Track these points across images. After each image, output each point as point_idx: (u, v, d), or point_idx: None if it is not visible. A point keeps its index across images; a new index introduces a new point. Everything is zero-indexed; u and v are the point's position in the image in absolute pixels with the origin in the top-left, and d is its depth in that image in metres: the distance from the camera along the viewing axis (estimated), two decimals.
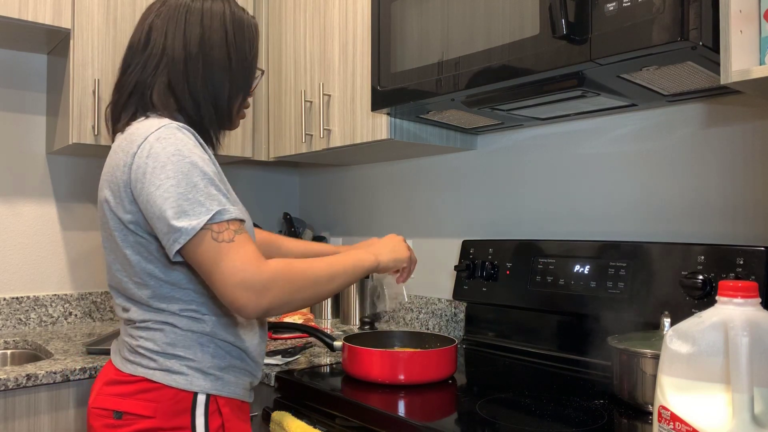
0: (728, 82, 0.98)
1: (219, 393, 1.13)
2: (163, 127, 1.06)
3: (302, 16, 2.04)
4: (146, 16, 1.18)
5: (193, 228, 1.00)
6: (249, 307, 1.01)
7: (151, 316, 1.12)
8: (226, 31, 1.16)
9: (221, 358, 1.13)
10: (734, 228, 1.35)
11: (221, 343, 1.14)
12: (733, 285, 0.80)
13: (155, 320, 1.12)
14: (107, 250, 1.16)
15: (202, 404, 1.11)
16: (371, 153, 2.05)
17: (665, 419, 0.83)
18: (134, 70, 1.16)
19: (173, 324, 1.11)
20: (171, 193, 1.01)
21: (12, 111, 2.11)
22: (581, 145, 1.65)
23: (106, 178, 1.12)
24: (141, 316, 1.13)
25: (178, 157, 1.03)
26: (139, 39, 1.17)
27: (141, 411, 1.08)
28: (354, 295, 2.20)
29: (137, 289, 1.12)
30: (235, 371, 1.16)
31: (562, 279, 1.53)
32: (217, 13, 1.16)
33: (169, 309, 1.11)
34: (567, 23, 1.11)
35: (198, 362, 1.11)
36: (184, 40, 1.14)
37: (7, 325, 2.06)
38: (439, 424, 1.09)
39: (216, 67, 1.15)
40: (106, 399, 1.12)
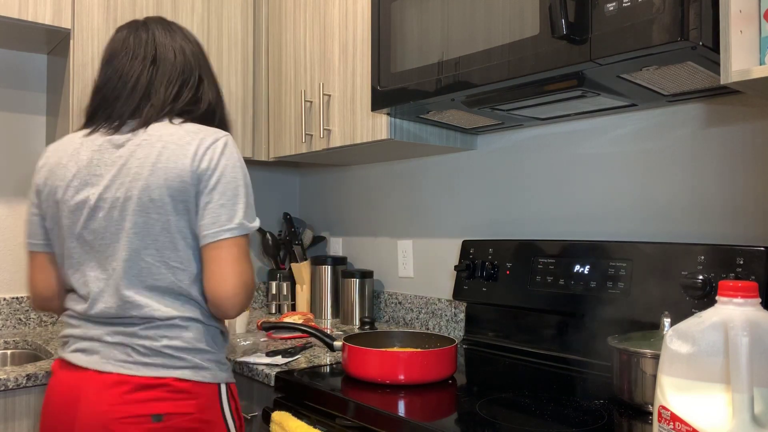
0: (728, 82, 0.98)
1: (230, 380, 1.28)
2: (226, 136, 1.26)
3: (302, 16, 2.04)
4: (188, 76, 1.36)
5: (248, 228, 1.22)
6: (242, 306, 1.23)
7: (178, 311, 1.20)
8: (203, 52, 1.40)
9: (222, 347, 1.29)
10: (734, 228, 1.35)
11: (221, 333, 1.29)
12: (733, 285, 0.80)
13: (183, 317, 1.21)
14: (139, 240, 1.19)
15: (225, 393, 1.25)
16: (371, 153, 2.05)
17: (665, 419, 0.83)
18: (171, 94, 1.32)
19: (198, 319, 1.22)
20: (242, 192, 1.23)
21: (12, 111, 2.11)
22: (581, 145, 1.65)
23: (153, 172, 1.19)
24: (167, 313, 1.19)
25: (244, 167, 1.27)
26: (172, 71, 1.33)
27: (183, 409, 1.16)
28: (354, 295, 2.20)
29: (174, 276, 1.20)
30: (225, 358, 1.31)
31: (562, 279, 1.53)
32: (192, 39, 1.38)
33: (198, 299, 1.22)
34: (567, 23, 1.11)
35: (215, 354, 1.25)
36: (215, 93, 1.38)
37: (7, 325, 2.06)
38: (439, 424, 1.09)
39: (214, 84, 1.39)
40: (138, 406, 1.14)
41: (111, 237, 1.19)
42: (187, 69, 1.30)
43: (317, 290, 2.33)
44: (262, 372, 1.52)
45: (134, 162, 1.19)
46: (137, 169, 1.18)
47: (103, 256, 1.20)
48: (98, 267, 1.21)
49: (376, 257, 2.33)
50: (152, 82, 1.26)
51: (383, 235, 2.29)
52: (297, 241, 2.43)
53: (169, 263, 1.19)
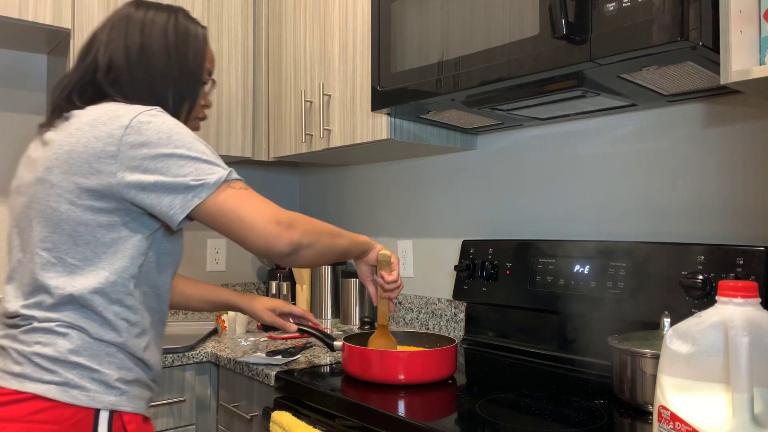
0: (728, 82, 0.98)
1: (124, 408, 1.04)
2: (153, 108, 1.07)
3: (302, 16, 2.04)
4: (93, 32, 1.19)
5: (215, 182, 1.02)
6: (282, 239, 1.04)
7: (59, 315, 1.02)
8: (167, 40, 1.16)
9: (128, 370, 1.06)
10: (734, 228, 1.35)
11: (128, 355, 1.07)
12: (733, 285, 0.80)
13: (62, 321, 1.02)
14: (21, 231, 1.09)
15: (105, 422, 1.01)
16: (371, 153, 2.05)
17: (665, 419, 0.83)
18: (78, 69, 1.16)
19: (83, 328, 1.02)
20: (185, 156, 1.02)
21: (12, 111, 2.11)
22: (581, 145, 1.65)
23: (59, 156, 1.05)
24: (44, 314, 1.02)
25: (182, 128, 1.06)
26: (82, 50, 1.17)
27: None
28: (354, 295, 2.20)
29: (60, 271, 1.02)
30: (140, 385, 1.09)
31: (562, 279, 1.53)
32: (159, 23, 1.17)
33: (93, 304, 1.02)
34: (567, 23, 1.11)
35: (103, 374, 1.02)
36: (125, 48, 1.14)
37: None
38: (439, 424, 1.09)
39: (158, 77, 1.15)
40: None
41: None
42: None
43: (317, 290, 2.33)
44: (262, 372, 1.52)
45: None
46: None
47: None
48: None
49: None
50: None
51: (383, 235, 2.29)
52: None
53: (62, 256, 1.04)
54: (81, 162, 1.02)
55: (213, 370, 1.80)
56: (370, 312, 2.21)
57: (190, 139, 1.05)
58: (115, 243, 1.05)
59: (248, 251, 1.05)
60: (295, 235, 1.06)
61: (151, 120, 1.03)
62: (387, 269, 1.33)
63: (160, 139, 1.02)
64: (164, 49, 1.16)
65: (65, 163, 1.03)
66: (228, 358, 1.67)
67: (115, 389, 1.03)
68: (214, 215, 1.04)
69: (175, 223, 1.03)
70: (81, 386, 1.00)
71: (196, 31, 1.21)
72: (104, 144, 1.02)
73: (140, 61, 1.13)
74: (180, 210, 1.02)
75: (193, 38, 1.20)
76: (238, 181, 1.06)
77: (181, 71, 1.17)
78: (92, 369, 1.01)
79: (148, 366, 1.11)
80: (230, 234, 1.06)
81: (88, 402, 1.00)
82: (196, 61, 1.20)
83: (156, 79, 1.14)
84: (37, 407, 0.97)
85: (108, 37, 1.14)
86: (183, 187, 1.01)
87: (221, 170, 1.04)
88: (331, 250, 1.17)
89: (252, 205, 1.05)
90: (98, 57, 1.13)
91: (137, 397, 1.07)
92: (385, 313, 1.41)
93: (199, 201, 1.02)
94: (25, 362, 1.00)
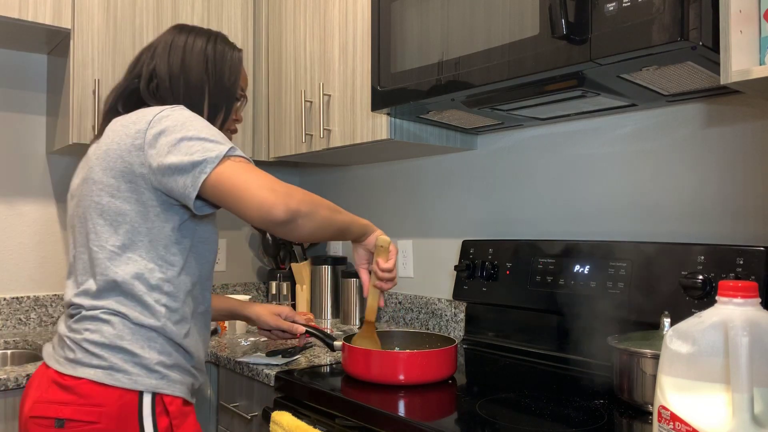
0: (728, 82, 0.98)
1: (164, 391, 1.12)
2: (176, 106, 1.18)
3: (302, 16, 2.04)
4: (140, 51, 1.32)
5: (216, 156, 1.08)
6: (279, 206, 1.06)
7: (103, 302, 1.11)
8: (206, 58, 1.29)
9: (168, 355, 1.14)
10: (734, 228, 1.35)
11: (168, 340, 1.14)
12: (733, 285, 0.80)
13: (106, 309, 1.11)
14: (73, 228, 1.19)
15: (148, 405, 1.09)
16: (371, 153, 2.04)
17: (665, 419, 0.83)
18: (125, 81, 1.29)
19: (125, 314, 1.11)
20: (195, 138, 1.10)
21: (12, 111, 2.11)
22: (581, 145, 1.65)
23: (99, 156, 1.17)
24: (91, 302, 1.12)
25: (196, 117, 1.15)
26: (130, 67, 1.31)
27: (84, 417, 1.05)
28: (354, 295, 2.20)
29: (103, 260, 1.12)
30: (180, 370, 1.16)
31: (562, 279, 1.53)
32: (198, 45, 1.30)
33: (133, 290, 1.11)
34: (567, 23, 1.11)
35: (144, 358, 1.10)
36: (169, 66, 1.26)
37: (7, 325, 2.06)
38: (439, 424, 1.09)
39: (195, 90, 1.27)
40: (46, 406, 1.08)
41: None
42: None
43: (317, 290, 2.33)
44: (262, 372, 1.52)
45: None
46: None
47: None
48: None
49: None
50: None
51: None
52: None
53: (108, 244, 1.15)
54: (116, 157, 1.13)
55: (213, 370, 1.80)
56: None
57: (202, 126, 1.13)
58: (151, 231, 1.14)
59: (246, 221, 1.08)
60: (293, 203, 1.08)
61: (171, 113, 1.14)
62: (384, 256, 1.32)
63: (175, 126, 1.11)
64: (203, 66, 1.28)
65: (104, 161, 1.15)
66: (228, 358, 1.67)
67: (155, 372, 1.11)
68: (215, 187, 1.08)
69: (190, 201, 1.10)
70: (124, 370, 1.08)
71: (232, 53, 1.34)
72: (133, 139, 1.13)
73: (181, 75, 1.26)
74: (192, 188, 1.08)
75: (229, 59, 1.32)
76: (240, 157, 1.12)
77: (216, 86, 1.29)
78: (134, 353, 1.10)
79: (189, 353, 1.18)
80: (229, 205, 1.09)
81: (131, 385, 1.08)
82: (230, 78, 1.32)
83: (194, 91, 1.26)
84: (87, 390, 1.06)
85: (152, 54, 1.28)
86: (191, 165, 1.08)
87: (223, 146, 1.10)
88: (330, 223, 1.18)
89: (249, 175, 1.08)
90: (143, 70, 1.26)
91: (178, 381, 1.15)
92: (373, 307, 1.39)
93: (205, 176, 1.07)
94: (77, 349, 1.10)
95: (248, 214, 1.07)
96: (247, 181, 1.07)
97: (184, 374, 1.17)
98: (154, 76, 1.25)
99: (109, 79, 1.93)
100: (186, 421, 1.16)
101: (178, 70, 1.26)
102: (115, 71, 1.95)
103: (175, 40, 1.29)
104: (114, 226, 1.13)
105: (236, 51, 1.35)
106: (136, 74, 1.27)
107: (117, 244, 1.12)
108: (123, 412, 1.07)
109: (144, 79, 1.25)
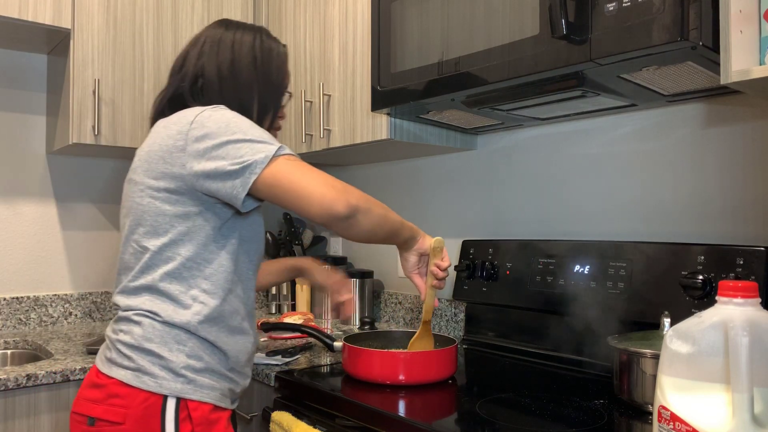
0: (728, 82, 0.98)
1: (189, 396, 1.09)
2: (217, 106, 1.17)
3: (302, 16, 2.04)
4: (186, 48, 1.29)
5: (266, 156, 1.07)
6: (340, 201, 1.06)
7: (137, 302, 1.12)
8: (254, 57, 1.27)
9: (197, 359, 1.11)
10: (734, 228, 1.35)
11: (201, 341, 1.12)
12: (733, 285, 0.80)
13: (139, 309, 1.11)
14: (122, 230, 1.19)
15: (172, 409, 1.07)
16: (371, 153, 2.04)
17: (665, 419, 0.83)
18: (172, 84, 1.26)
19: (156, 313, 1.10)
20: (241, 140, 1.08)
21: (12, 111, 2.11)
22: (581, 145, 1.65)
23: (141, 157, 1.17)
24: (126, 302, 1.13)
25: (240, 118, 1.13)
26: (176, 65, 1.28)
27: (112, 417, 1.06)
28: (354, 295, 2.20)
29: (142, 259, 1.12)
30: (212, 374, 1.13)
31: (562, 279, 1.53)
32: (246, 42, 1.27)
33: (168, 289, 1.11)
34: (567, 23, 1.11)
35: (170, 361, 1.09)
36: (218, 64, 1.24)
37: (7, 325, 2.06)
38: (439, 424, 1.09)
39: (244, 89, 1.25)
40: (83, 404, 1.10)
41: None
42: None
43: (317, 290, 2.33)
44: (262, 372, 1.52)
45: None
46: None
47: None
48: None
49: (376, 257, 2.33)
50: None
51: None
52: (297, 241, 2.43)
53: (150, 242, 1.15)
54: (156, 159, 1.13)
55: None
56: (370, 312, 2.21)
57: (246, 126, 1.11)
58: (191, 231, 1.13)
59: (307, 218, 1.09)
60: (352, 199, 1.08)
61: (212, 114, 1.12)
62: (440, 256, 1.29)
63: (219, 128, 1.09)
64: (251, 65, 1.26)
65: (145, 162, 1.15)
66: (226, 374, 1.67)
67: (181, 377, 1.09)
68: (271, 186, 1.07)
69: (239, 202, 1.09)
70: (151, 373, 1.08)
71: (279, 49, 1.32)
72: (174, 140, 1.12)
73: (230, 75, 1.24)
74: (241, 189, 1.07)
75: (276, 55, 1.31)
76: (290, 155, 1.10)
77: (265, 84, 1.28)
78: (161, 356, 1.09)
79: (225, 354, 1.15)
80: (289, 203, 1.07)
81: (156, 388, 1.07)
82: (278, 76, 1.31)
83: (243, 90, 1.25)
84: (116, 391, 1.07)
85: (200, 52, 1.25)
86: (241, 167, 1.07)
87: (272, 146, 1.09)
88: (385, 221, 1.17)
89: (305, 172, 1.08)
90: (190, 71, 1.24)
91: (206, 387, 1.12)
92: (431, 307, 1.36)
93: (255, 177, 1.06)
94: (113, 349, 1.12)
95: (310, 210, 1.06)
96: (304, 179, 1.07)
97: (218, 378, 1.14)
98: (201, 78, 1.23)
99: (109, 79, 1.93)
100: (213, 428, 1.12)
101: (228, 71, 1.24)
102: (115, 71, 1.95)
103: (223, 37, 1.26)
104: (155, 227, 1.12)
105: (282, 46, 1.33)
106: (183, 76, 1.24)
107: (158, 244, 1.12)
108: (147, 415, 1.06)
109: (191, 81, 1.23)
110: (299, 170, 1.07)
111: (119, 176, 2.31)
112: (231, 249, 1.16)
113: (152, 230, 1.13)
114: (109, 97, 1.93)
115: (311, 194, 1.06)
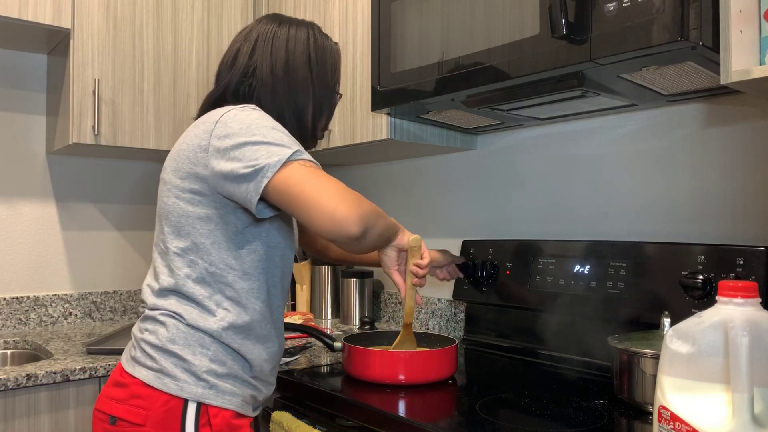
0: (728, 82, 0.98)
1: (210, 402, 1.06)
2: (246, 105, 1.13)
3: (302, 16, 2.04)
4: (235, 40, 1.25)
5: (280, 160, 1.01)
6: (352, 216, 0.99)
7: (163, 303, 1.10)
8: (309, 56, 1.23)
9: (220, 363, 1.08)
10: (734, 228, 1.35)
11: (224, 347, 1.09)
12: (733, 285, 0.80)
13: (164, 310, 1.09)
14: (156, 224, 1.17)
15: (192, 414, 1.05)
16: (371, 153, 2.04)
17: (665, 419, 0.83)
18: (222, 83, 1.21)
19: (180, 315, 1.08)
20: (260, 142, 1.03)
21: (12, 111, 2.11)
22: (581, 145, 1.65)
23: (171, 156, 1.15)
24: (153, 301, 1.11)
25: (265, 119, 1.08)
26: (227, 60, 1.23)
27: (133, 418, 1.04)
28: (354, 295, 2.20)
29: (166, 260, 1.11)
30: (235, 380, 1.10)
31: (562, 279, 1.53)
32: (301, 39, 1.23)
33: (193, 293, 1.08)
34: (567, 23, 1.11)
35: (193, 365, 1.06)
36: (271, 63, 1.20)
37: (7, 325, 2.06)
38: (439, 424, 1.09)
39: (300, 89, 1.21)
40: (105, 402, 1.09)
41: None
42: None
43: (317, 290, 2.33)
44: None
45: None
46: None
47: None
48: None
49: None
50: None
51: None
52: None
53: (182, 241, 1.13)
54: (183, 159, 1.10)
55: None
56: (370, 312, 2.21)
57: (268, 129, 1.06)
58: (212, 234, 1.09)
59: (314, 231, 1.02)
60: (363, 212, 1.01)
61: (238, 114, 1.08)
62: (418, 254, 1.27)
63: (240, 129, 1.05)
64: (306, 65, 1.22)
65: (174, 161, 1.12)
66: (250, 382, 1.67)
67: (203, 381, 1.06)
68: (280, 193, 1.01)
69: (253, 206, 1.04)
70: (173, 375, 1.05)
71: (332, 47, 1.28)
72: (200, 140, 1.09)
73: (285, 76, 1.20)
74: (254, 192, 1.02)
75: (330, 54, 1.27)
76: (307, 160, 1.04)
77: (320, 85, 1.24)
78: (184, 359, 1.06)
79: (248, 361, 1.12)
80: (298, 214, 1.01)
81: (177, 391, 1.05)
82: (333, 75, 1.27)
83: (299, 92, 1.21)
84: (138, 392, 1.06)
85: (252, 50, 1.21)
86: (253, 170, 1.02)
87: (288, 149, 1.03)
88: (386, 230, 1.13)
89: (317, 181, 1.01)
90: (243, 69, 1.20)
91: (228, 392, 1.08)
92: (412, 308, 1.33)
93: (267, 180, 1.01)
94: (137, 348, 1.10)
95: (319, 225, 0.99)
96: (316, 189, 0.99)
97: (241, 385, 1.11)
98: (250, 76, 1.19)
99: (109, 78, 1.93)
100: None
101: (283, 72, 1.19)
102: (115, 71, 1.95)
103: (277, 33, 1.21)
104: (177, 227, 1.10)
105: (334, 43, 1.29)
106: (234, 75, 1.20)
107: (180, 246, 1.10)
108: (167, 418, 1.04)
109: (239, 77, 1.19)
110: (312, 178, 1.00)
111: (119, 176, 2.32)
112: (256, 256, 1.12)
113: (175, 231, 1.10)
114: (109, 97, 1.93)
115: (323, 208, 0.99)
